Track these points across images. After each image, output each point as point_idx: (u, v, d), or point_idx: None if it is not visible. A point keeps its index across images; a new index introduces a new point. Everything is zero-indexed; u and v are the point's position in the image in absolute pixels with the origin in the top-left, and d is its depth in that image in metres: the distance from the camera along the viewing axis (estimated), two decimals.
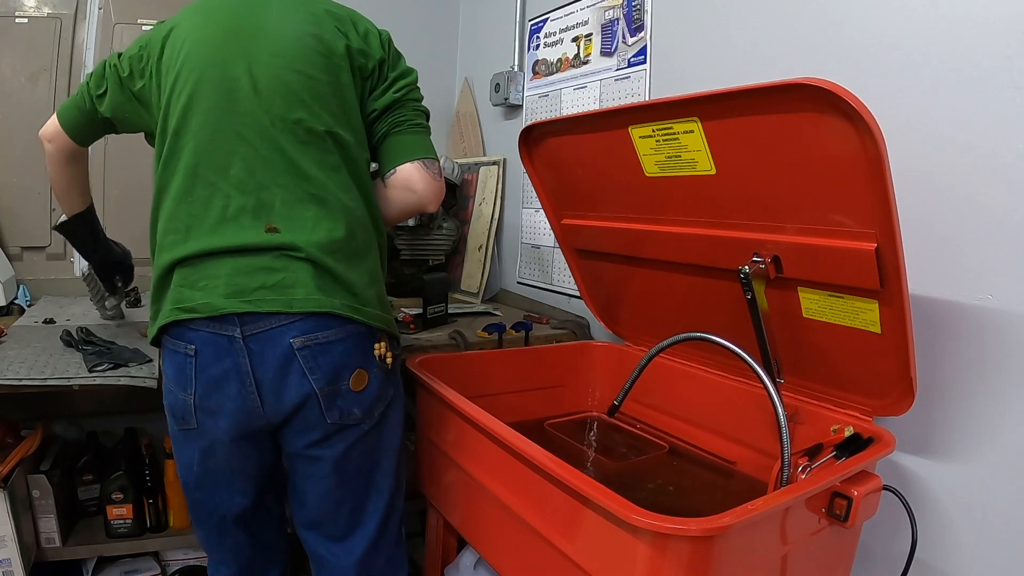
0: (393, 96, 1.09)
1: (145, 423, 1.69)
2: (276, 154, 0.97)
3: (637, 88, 1.57)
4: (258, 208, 0.97)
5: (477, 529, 1.16)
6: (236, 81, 0.98)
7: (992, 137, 0.94)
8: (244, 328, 0.94)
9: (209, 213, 0.97)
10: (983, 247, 0.96)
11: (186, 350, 0.96)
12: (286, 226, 0.96)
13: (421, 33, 2.31)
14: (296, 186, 0.98)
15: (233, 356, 0.95)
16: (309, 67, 1.00)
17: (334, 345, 0.97)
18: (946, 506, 1.03)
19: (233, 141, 0.97)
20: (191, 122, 0.98)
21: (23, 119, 1.79)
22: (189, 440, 1.03)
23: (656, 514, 0.72)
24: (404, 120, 1.10)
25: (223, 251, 0.95)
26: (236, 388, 0.96)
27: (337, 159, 1.02)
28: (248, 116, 0.97)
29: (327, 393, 0.98)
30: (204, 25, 1.01)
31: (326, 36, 1.03)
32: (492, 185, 2.07)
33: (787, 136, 0.87)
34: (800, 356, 1.07)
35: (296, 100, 0.99)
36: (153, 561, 1.57)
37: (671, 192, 1.09)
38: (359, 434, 1.03)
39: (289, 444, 1.03)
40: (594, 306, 1.50)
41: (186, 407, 0.99)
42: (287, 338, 0.95)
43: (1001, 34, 0.92)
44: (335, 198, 1.00)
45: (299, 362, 0.95)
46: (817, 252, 0.92)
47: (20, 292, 1.76)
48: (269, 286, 0.95)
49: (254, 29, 1.00)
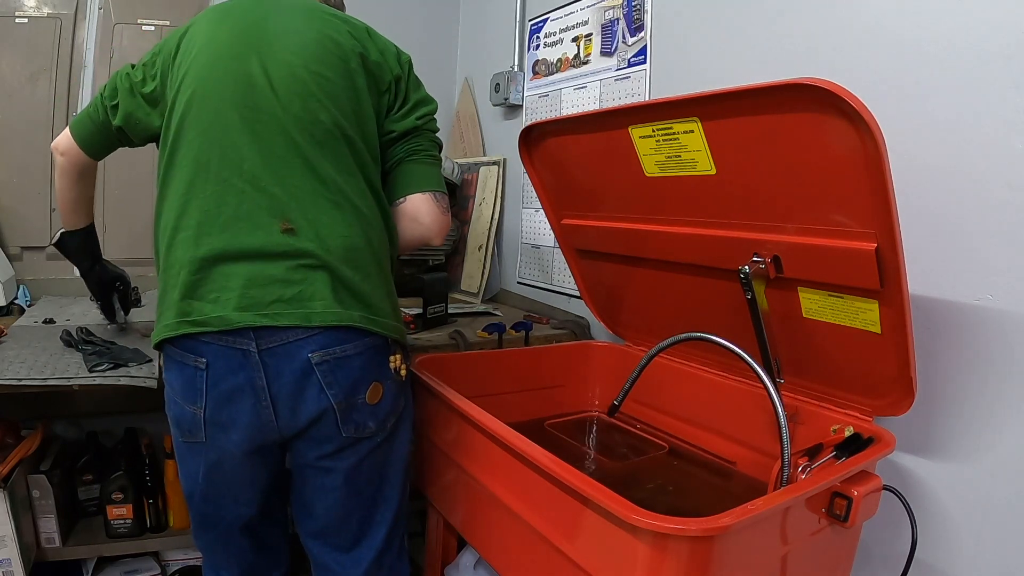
0: (414, 123, 1.08)
1: (145, 423, 1.69)
2: (292, 153, 0.95)
3: (637, 88, 1.57)
4: (273, 206, 0.93)
5: (477, 529, 1.16)
6: (251, 77, 0.95)
7: (992, 136, 0.94)
8: (260, 342, 0.91)
9: (222, 209, 0.93)
10: (983, 247, 0.96)
11: (196, 363, 0.92)
12: (302, 228, 0.93)
13: (421, 33, 2.31)
14: (312, 187, 0.95)
15: (247, 370, 0.92)
16: (325, 68, 0.98)
17: (352, 359, 0.95)
18: (946, 506, 1.03)
19: (247, 137, 0.94)
20: (201, 116, 0.95)
21: (23, 119, 1.79)
22: (195, 453, 1.00)
23: (656, 514, 0.72)
24: (421, 149, 1.09)
25: (236, 255, 0.92)
26: (250, 403, 0.93)
27: (352, 163, 1.00)
28: (264, 113, 0.95)
29: (344, 407, 0.96)
30: (219, 25, 1.00)
31: (342, 41, 1.01)
32: (492, 185, 2.07)
33: (787, 136, 0.87)
34: (800, 356, 1.07)
35: (313, 99, 0.96)
36: (153, 561, 1.57)
37: (671, 192, 1.09)
38: (371, 446, 1.02)
39: (300, 456, 1.01)
40: (594, 306, 1.50)
41: (194, 421, 0.95)
42: (305, 352, 0.92)
43: (1001, 34, 0.92)
44: (351, 203, 0.98)
45: (317, 377, 0.93)
46: (817, 252, 0.92)
47: (20, 292, 1.76)
48: (286, 299, 0.92)
49: (269, 28, 0.99)
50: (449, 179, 2.05)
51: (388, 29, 1.13)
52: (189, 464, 1.02)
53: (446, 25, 2.38)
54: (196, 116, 0.95)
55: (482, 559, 1.25)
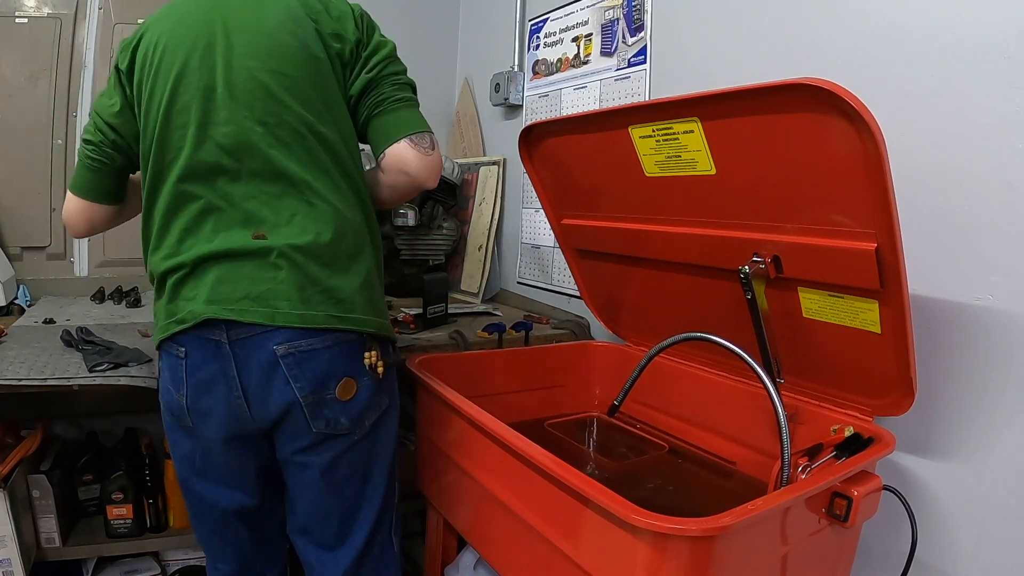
0: (367, 77, 1.04)
1: (145, 423, 1.69)
2: (260, 161, 0.96)
3: (637, 88, 1.57)
4: (246, 220, 0.97)
5: (477, 529, 1.16)
6: (212, 91, 0.96)
7: (992, 136, 0.94)
8: (230, 333, 0.95)
9: (202, 228, 0.97)
10: (983, 247, 0.96)
11: (178, 352, 0.98)
12: (273, 232, 0.96)
13: (421, 33, 2.31)
14: (283, 193, 0.97)
15: (220, 361, 0.96)
16: (285, 65, 0.97)
17: (319, 353, 0.96)
18: (946, 506, 1.03)
19: (216, 153, 0.96)
20: (172, 137, 0.97)
21: (23, 119, 1.79)
22: (185, 435, 1.04)
23: (656, 514, 0.72)
24: (383, 99, 1.05)
25: (211, 257, 0.96)
26: (224, 392, 0.97)
27: (324, 159, 1.00)
28: (227, 125, 0.96)
29: (311, 402, 0.97)
30: (174, 31, 0.99)
31: (299, 29, 0.99)
32: (492, 185, 2.07)
33: (787, 136, 0.87)
34: (800, 356, 1.07)
35: (275, 102, 0.96)
36: (153, 561, 1.57)
37: (671, 192, 1.09)
38: (348, 444, 1.02)
39: (279, 449, 1.03)
40: (594, 306, 1.50)
41: (180, 407, 1.00)
42: (271, 344, 0.95)
43: (1001, 34, 0.92)
44: (322, 200, 0.98)
45: (283, 369, 0.95)
46: (817, 252, 0.92)
47: (20, 292, 1.76)
48: (253, 296, 0.95)
49: (226, 31, 0.97)
50: (449, 179, 2.05)
51: (388, 29, 1.12)
52: (181, 446, 1.05)
53: (446, 25, 2.38)
54: (170, 138, 0.97)
55: (482, 559, 1.25)
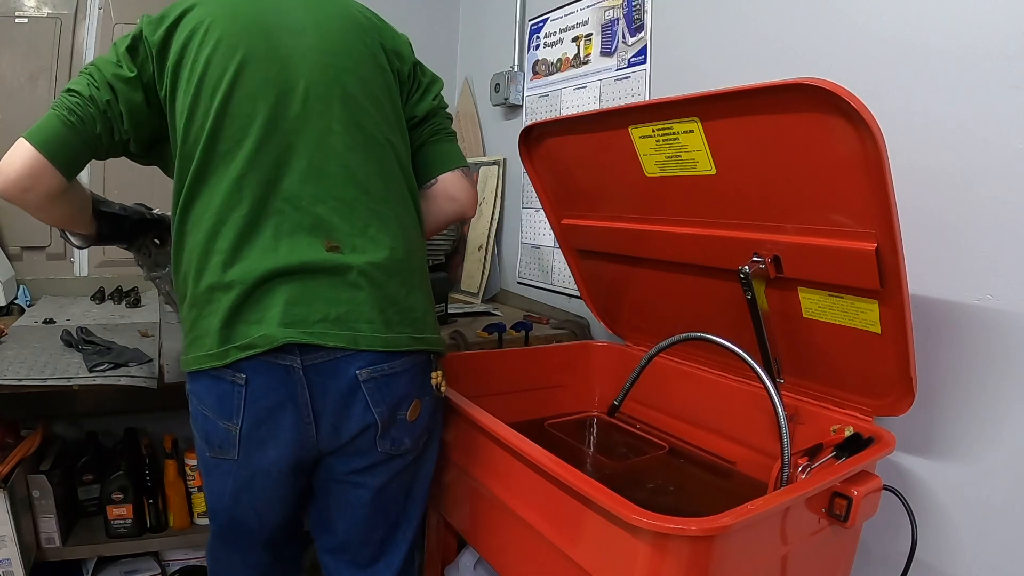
0: (432, 104, 1.07)
1: (145, 423, 1.69)
2: (334, 165, 0.90)
3: (637, 88, 1.57)
4: (315, 226, 0.89)
5: (477, 529, 1.16)
6: (286, 83, 0.88)
7: (992, 136, 0.94)
8: (304, 358, 0.87)
9: (261, 232, 0.88)
10: (983, 247, 0.96)
11: (234, 378, 0.87)
12: (347, 244, 0.90)
13: (421, 33, 2.29)
14: (356, 200, 0.91)
15: (289, 386, 0.87)
16: (361, 67, 0.93)
17: (399, 376, 0.93)
18: (946, 506, 1.03)
19: (284, 152, 0.88)
20: (232, 126, 0.87)
21: (23, 119, 1.78)
22: (223, 470, 0.94)
23: (656, 514, 0.72)
24: (441, 128, 1.08)
25: (278, 273, 0.86)
26: (292, 419, 0.89)
27: (395, 170, 0.96)
28: (302, 123, 0.89)
29: (386, 423, 0.93)
30: (231, 14, 0.90)
31: (367, 37, 0.97)
32: (492, 185, 2.07)
33: (787, 136, 0.87)
34: (800, 356, 1.07)
35: (354, 103, 0.92)
36: (153, 561, 1.57)
37: (671, 192, 1.09)
38: (403, 464, 1.00)
39: (330, 470, 0.97)
40: (594, 306, 1.50)
41: (227, 437, 0.90)
42: (352, 369, 0.89)
43: (1001, 34, 0.92)
44: (394, 213, 0.94)
45: (364, 394, 0.90)
46: (817, 252, 0.92)
47: (20, 292, 1.76)
48: (332, 319, 0.87)
49: (294, 24, 0.91)
50: None
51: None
52: (216, 480, 0.96)
53: (446, 25, 2.38)
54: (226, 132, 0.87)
55: (482, 559, 1.25)
